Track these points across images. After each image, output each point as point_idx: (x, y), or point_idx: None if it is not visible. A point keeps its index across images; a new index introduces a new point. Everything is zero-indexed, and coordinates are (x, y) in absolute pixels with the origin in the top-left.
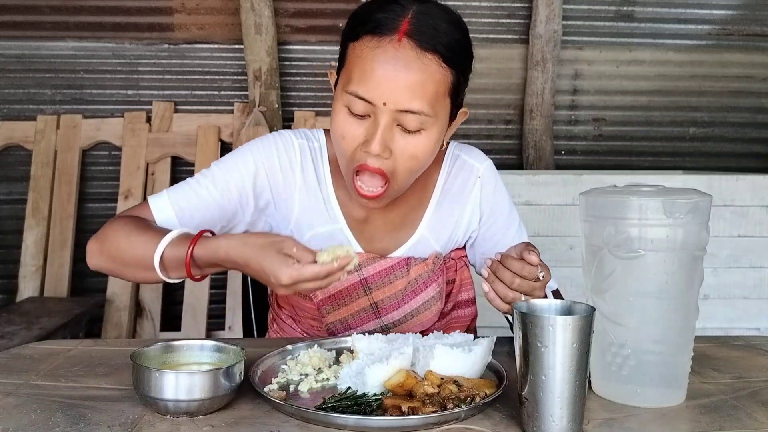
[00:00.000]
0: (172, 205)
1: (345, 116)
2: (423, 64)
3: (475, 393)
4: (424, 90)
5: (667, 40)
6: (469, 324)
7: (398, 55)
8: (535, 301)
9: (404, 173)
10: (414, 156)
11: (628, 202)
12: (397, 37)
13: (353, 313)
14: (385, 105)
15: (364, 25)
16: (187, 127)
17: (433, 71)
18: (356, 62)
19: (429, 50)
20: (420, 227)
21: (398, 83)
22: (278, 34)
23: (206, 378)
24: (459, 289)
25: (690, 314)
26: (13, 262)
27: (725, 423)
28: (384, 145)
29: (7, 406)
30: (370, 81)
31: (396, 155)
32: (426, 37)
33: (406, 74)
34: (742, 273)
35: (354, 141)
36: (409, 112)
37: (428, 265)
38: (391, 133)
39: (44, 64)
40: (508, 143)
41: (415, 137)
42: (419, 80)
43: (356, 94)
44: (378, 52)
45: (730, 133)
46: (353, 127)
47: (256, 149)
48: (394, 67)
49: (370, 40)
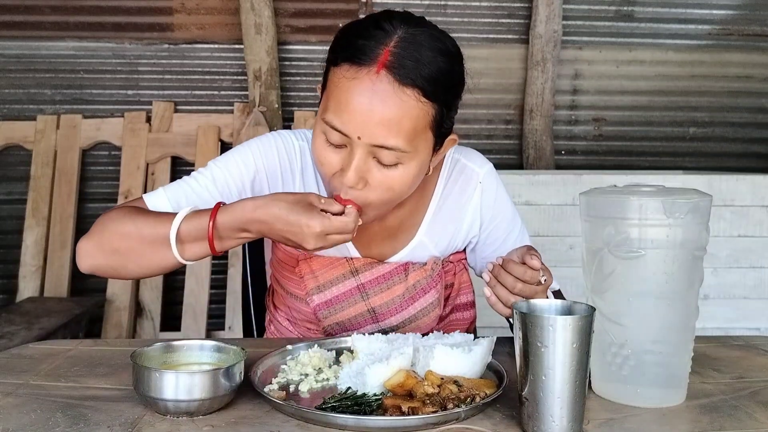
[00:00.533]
0: (170, 202)
1: (322, 143)
2: (400, 99)
3: (475, 393)
4: (400, 126)
5: (667, 40)
6: (468, 327)
7: (375, 88)
8: (535, 301)
9: (378, 204)
10: (390, 188)
11: (628, 202)
12: (375, 68)
13: (350, 317)
14: (359, 139)
15: (345, 50)
16: (187, 127)
17: (411, 107)
18: (333, 91)
19: (407, 85)
20: (419, 233)
21: (373, 118)
22: (278, 34)
23: (206, 378)
24: (457, 293)
25: (690, 314)
26: (13, 262)
27: (725, 423)
28: (358, 177)
29: (7, 406)
30: (345, 113)
31: (371, 186)
32: (405, 71)
33: (381, 109)
34: (742, 273)
35: (331, 168)
36: (384, 147)
37: (427, 271)
38: (367, 165)
39: (44, 64)
40: (508, 143)
41: (392, 170)
42: (395, 116)
43: (332, 124)
44: (354, 84)
45: (730, 133)
46: (330, 155)
47: (257, 149)
48: (370, 101)
49: (348, 69)
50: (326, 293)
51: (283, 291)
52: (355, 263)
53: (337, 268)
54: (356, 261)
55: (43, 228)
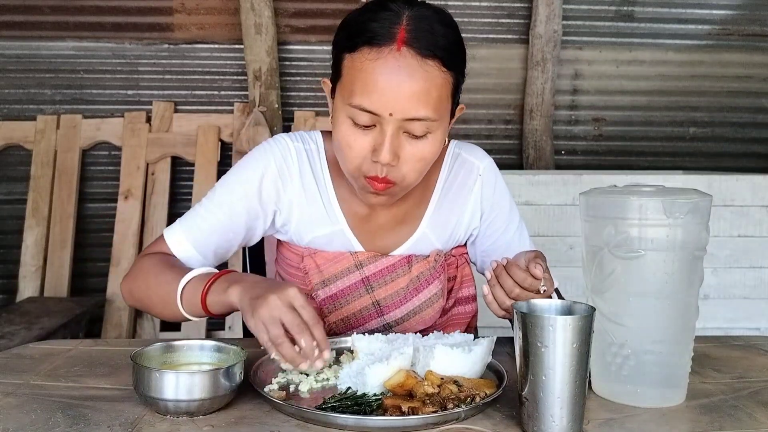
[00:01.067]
0: (187, 236)
1: (349, 128)
2: (425, 71)
3: (475, 393)
4: (428, 96)
5: (667, 40)
6: (469, 321)
7: (400, 64)
8: (535, 301)
9: (412, 176)
10: (422, 159)
11: (628, 202)
12: (395, 46)
13: (355, 312)
14: (391, 115)
15: (360, 35)
16: (187, 127)
17: (435, 76)
18: (357, 75)
19: (429, 56)
20: (421, 225)
21: (402, 93)
22: (278, 34)
23: (206, 378)
24: (460, 286)
25: (690, 314)
26: (13, 262)
27: (725, 423)
28: (393, 153)
29: (7, 406)
30: (373, 93)
31: (403, 160)
32: (425, 43)
33: (410, 83)
34: (742, 273)
35: (362, 151)
36: (416, 119)
37: (430, 263)
38: (399, 140)
39: (44, 64)
40: (508, 143)
41: (422, 142)
42: (423, 88)
43: (361, 107)
44: (379, 64)
45: (730, 133)
46: (359, 137)
47: (254, 161)
48: (398, 77)
49: (369, 52)
50: (331, 287)
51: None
52: (359, 257)
53: (341, 262)
54: (360, 255)
55: (43, 228)
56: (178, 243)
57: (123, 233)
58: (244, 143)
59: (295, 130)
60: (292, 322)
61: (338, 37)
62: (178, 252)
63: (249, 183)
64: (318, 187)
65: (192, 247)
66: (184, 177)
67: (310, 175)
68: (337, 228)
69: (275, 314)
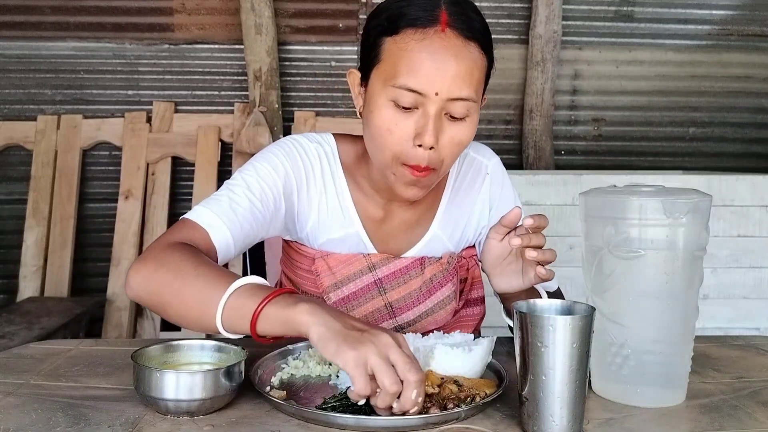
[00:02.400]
0: (221, 219)
1: (391, 110)
2: (469, 52)
3: (475, 393)
4: (472, 77)
5: (666, 40)
6: (477, 323)
7: (446, 45)
8: (535, 301)
9: (449, 161)
10: (460, 142)
11: (628, 202)
12: (440, 27)
13: (367, 314)
14: (437, 95)
15: (402, 18)
16: (188, 128)
17: (476, 58)
18: (402, 55)
19: (470, 39)
20: (432, 226)
21: (448, 73)
22: (278, 35)
23: (207, 378)
24: (470, 288)
25: (690, 314)
26: (14, 262)
27: (725, 423)
28: (436, 136)
29: (7, 406)
30: (420, 72)
31: (442, 144)
32: (467, 26)
33: (455, 63)
34: (742, 273)
35: (404, 134)
36: (459, 99)
37: (443, 264)
38: (441, 122)
39: (44, 64)
40: (508, 143)
41: (461, 124)
42: (467, 68)
43: (406, 86)
44: (425, 44)
45: (729, 133)
46: (401, 119)
47: (281, 153)
48: (444, 57)
49: (414, 33)
50: (343, 290)
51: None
52: (372, 258)
53: (354, 264)
54: (373, 257)
55: (44, 228)
56: (214, 226)
57: (123, 233)
58: (244, 143)
59: (296, 130)
60: (409, 367)
61: (375, 23)
62: (216, 236)
63: (278, 172)
64: (336, 188)
65: (229, 231)
66: (185, 177)
67: (329, 176)
68: (351, 230)
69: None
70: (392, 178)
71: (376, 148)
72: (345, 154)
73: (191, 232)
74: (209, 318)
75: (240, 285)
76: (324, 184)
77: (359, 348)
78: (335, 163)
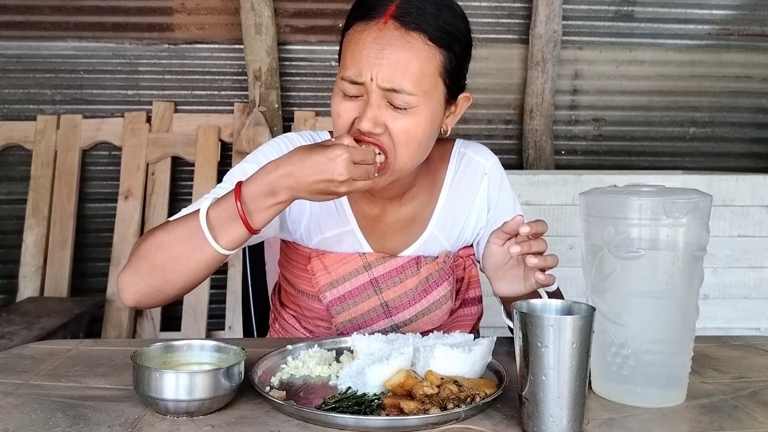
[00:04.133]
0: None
1: (339, 99)
2: (407, 42)
3: (475, 393)
4: (408, 67)
5: (667, 40)
6: (474, 323)
7: (383, 34)
8: (535, 301)
9: (404, 155)
10: (407, 132)
11: (628, 202)
12: (383, 20)
13: (363, 313)
14: (372, 81)
15: (355, 12)
16: (187, 127)
17: (418, 49)
18: (347, 47)
19: (413, 29)
20: (429, 225)
21: (383, 60)
22: (278, 34)
23: (207, 378)
24: (467, 287)
25: (690, 314)
26: (13, 262)
27: (725, 423)
28: (374, 120)
29: (7, 406)
30: (357, 61)
31: (390, 131)
32: (410, 17)
33: (391, 51)
34: (742, 273)
35: (348, 117)
36: (394, 90)
37: (439, 264)
38: (381, 110)
39: (44, 64)
40: (508, 143)
41: (405, 116)
42: (403, 57)
43: (347, 76)
44: (364, 35)
45: (730, 133)
46: (347, 106)
47: (271, 153)
48: (379, 45)
49: (359, 25)
50: (339, 288)
51: (293, 289)
52: (367, 258)
53: (349, 263)
54: (369, 256)
55: (44, 228)
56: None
57: (123, 233)
58: (244, 143)
59: (296, 129)
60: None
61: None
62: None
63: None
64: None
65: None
66: (184, 177)
67: None
68: (347, 229)
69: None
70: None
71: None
72: None
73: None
74: (205, 248)
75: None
76: None
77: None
78: None
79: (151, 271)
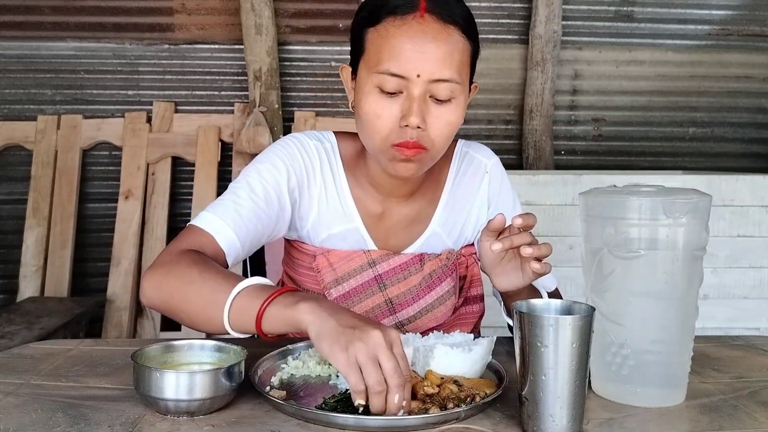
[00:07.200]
0: (227, 223)
1: (377, 96)
2: (448, 35)
3: (475, 393)
4: (452, 59)
5: (666, 41)
6: (476, 321)
7: (424, 29)
8: (535, 301)
9: (440, 142)
10: (448, 123)
11: (628, 202)
12: (419, 13)
13: (367, 310)
14: (418, 77)
15: (382, 8)
16: (188, 128)
17: (456, 41)
18: (383, 42)
19: (450, 22)
20: (432, 223)
21: (428, 55)
22: (278, 35)
23: (207, 378)
24: (469, 286)
25: (690, 314)
26: (14, 262)
27: (725, 423)
28: (422, 117)
29: (7, 406)
30: (401, 56)
31: (430, 125)
32: (445, 11)
33: (434, 46)
34: (742, 273)
35: (390, 118)
36: (441, 81)
37: (442, 260)
38: (426, 104)
39: (45, 64)
40: (507, 143)
41: (447, 106)
42: (447, 50)
43: (388, 71)
44: (404, 29)
45: (729, 133)
46: (387, 104)
47: (282, 152)
48: (423, 40)
49: (394, 20)
50: (344, 285)
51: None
52: (372, 255)
53: (354, 260)
54: (373, 253)
55: (44, 228)
56: (219, 231)
57: (123, 233)
58: (244, 143)
59: (296, 130)
60: (393, 371)
61: (358, 18)
62: (222, 240)
63: (280, 172)
64: (335, 184)
65: (234, 234)
66: (185, 177)
67: (328, 172)
68: (351, 226)
69: (376, 355)
70: (385, 161)
71: (367, 135)
72: (345, 151)
73: (198, 238)
74: (218, 321)
75: (243, 287)
76: (324, 181)
77: (349, 348)
78: (335, 160)
79: (169, 298)
